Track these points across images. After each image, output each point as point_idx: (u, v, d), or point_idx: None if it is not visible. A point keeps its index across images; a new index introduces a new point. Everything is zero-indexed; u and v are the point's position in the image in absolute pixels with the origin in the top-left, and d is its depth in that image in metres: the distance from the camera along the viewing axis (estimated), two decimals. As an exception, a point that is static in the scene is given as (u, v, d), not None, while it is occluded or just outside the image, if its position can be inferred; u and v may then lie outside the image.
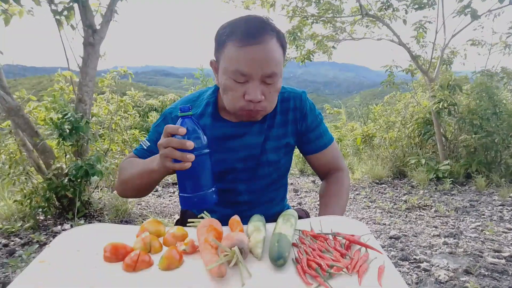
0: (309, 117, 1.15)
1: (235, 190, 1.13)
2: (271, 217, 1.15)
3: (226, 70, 0.95)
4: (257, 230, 0.83)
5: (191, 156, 0.81)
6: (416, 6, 4.47)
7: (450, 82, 4.26)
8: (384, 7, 4.72)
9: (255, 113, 0.98)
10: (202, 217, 0.92)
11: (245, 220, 0.92)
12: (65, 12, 2.91)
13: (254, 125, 1.10)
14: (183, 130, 0.81)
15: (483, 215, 3.20)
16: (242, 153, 1.10)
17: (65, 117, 2.72)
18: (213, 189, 0.87)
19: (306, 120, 1.15)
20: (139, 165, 1.02)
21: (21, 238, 2.63)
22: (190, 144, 0.81)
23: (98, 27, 3.04)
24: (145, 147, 1.13)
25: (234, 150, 1.10)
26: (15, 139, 2.99)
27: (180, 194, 0.86)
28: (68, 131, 2.73)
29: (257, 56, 0.91)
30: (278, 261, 0.71)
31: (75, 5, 2.91)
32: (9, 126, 3.05)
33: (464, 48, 5.25)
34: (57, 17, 2.88)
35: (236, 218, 0.91)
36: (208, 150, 0.85)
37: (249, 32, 0.92)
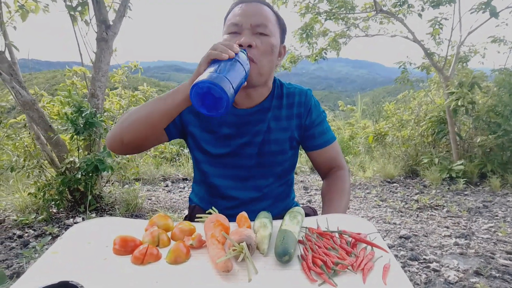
0: (314, 112, 1.18)
1: (239, 177, 1.15)
2: (278, 214, 1.16)
3: (224, 30, 1.06)
4: (263, 226, 0.83)
5: (232, 52, 0.84)
6: (434, 3, 4.38)
7: (471, 79, 4.15)
8: (398, 3, 4.64)
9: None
10: (209, 213, 0.93)
11: (251, 216, 0.93)
12: (79, 8, 2.95)
13: (261, 114, 1.12)
14: (237, 48, 0.87)
15: (496, 216, 3.14)
16: (246, 139, 1.12)
17: (81, 112, 2.76)
18: (233, 89, 0.78)
19: (311, 115, 1.17)
20: (155, 98, 0.99)
21: (34, 230, 2.70)
22: (236, 47, 0.86)
23: (111, 22, 3.07)
24: None
25: (238, 136, 1.12)
26: (29, 133, 3.06)
27: (202, 76, 0.78)
28: (82, 125, 2.78)
29: (248, 8, 1.02)
30: (283, 257, 0.72)
31: (89, 1, 2.95)
32: (24, 120, 3.11)
33: (484, 46, 5.14)
34: (72, 12, 2.93)
35: (244, 214, 0.92)
36: (246, 73, 0.88)
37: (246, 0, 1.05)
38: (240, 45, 0.97)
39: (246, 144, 1.12)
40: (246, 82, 0.93)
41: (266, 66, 1.03)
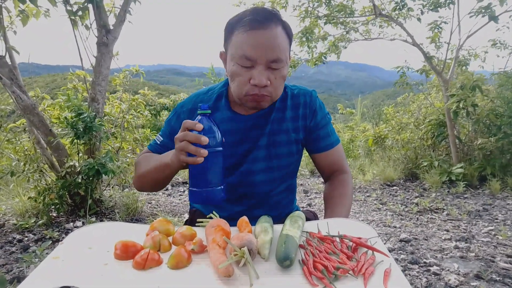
0: (319, 114, 1.17)
1: (244, 183, 1.15)
2: (279, 219, 1.16)
3: (233, 57, 0.99)
4: (264, 231, 0.83)
5: (205, 152, 0.83)
6: (432, 6, 4.39)
7: (472, 82, 4.15)
8: (398, 7, 4.66)
9: (261, 98, 1.00)
10: (210, 217, 0.94)
11: (253, 221, 0.93)
12: (80, 12, 2.95)
13: (264, 118, 1.12)
14: (200, 126, 0.84)
15: (497, 219, 3.14)
16: (253, 144, 1.12)
17: (80, 116, 2.77)
18: (222, 187, 0.89)
19: (316, 117, 1.17)
20: (154, 160, 1.04)
21: (34, 234, 2.69)
22: (205, 139, 0.83)
23: (111, 27, 3.08)
24: (159, 142, 1.16)
25: (245, 142, 1.12)
26: (29, 137, 3.06)
27: (190, 189, 0.89)
28: (82, 129, 2.78)
29: (263, 40, 0.95)
30: (284, 262, 0.72)
31: (90, 6, 2.96)
32: (24, 124, 3.11)
33: (486, 50, 5.16)
34: (72, 17, 2.94)
35: (244, 218, 0.92)
36: (221, 149, 0.88)
37: (256, 19, 0.95)
38: (254, 85, 0.98)
39: (250, 150, 1.12)
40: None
41: (279, 94, 1.05)
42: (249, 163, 1.13)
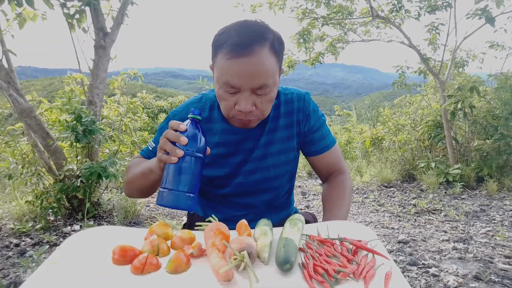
0: (312, 118, 1.16)
1: (241, 193, 1.14)
2: (278, 222, 1.16)
3: (218, 80, 0.96)
4: (264, 234, 0.83)
5: (180, 152, 0.82)
6: (430, 9, 4.41)
7: (470, 83, 4.16)
8: (395, 8, 4.68)
9: (247, 122, 1.01)
10: (209, 221, 0.93)
11: (252, 224, 0.93)
12: (77, 15, 2.95)
13: (259, 129, 1.11)
14: (183, 127, 0.84)
15: (494, 220, 3.15)
16: (247, 156, 1.11)
17: (80, 119, 2.75)
18: (192, 195, 0.85)
19: (309, 121, 1.15)
20: (141, 166, 1.04)
21: (32, 238, 2.67)
22: (184, 139, 0.83)
23: (109, 30, 3.08)
24: (151, 149, 1.16)
25: (238, 154, 1.11)
26: (27, 140, 3.04)
27: (159, 189, 0.87)
28: (81, 133, 2.77)
29: (246, 68, 0.90)
30: (284, 265, 0.72)
31: (87, 9, 2.96)
32: (21, 127, 3.10)
33: (484, 51, 5.19)
34: (69, 20, 2.93)
35: (244, 222, 0.91)
36: (202, 156, 0.86)
37: (239, 43, 0.89)
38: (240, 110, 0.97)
39: (241, 163, 1.12)
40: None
41: (266, 114, 1.03)
42: (245, 175, 1.12)
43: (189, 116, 0.87)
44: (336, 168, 1.21)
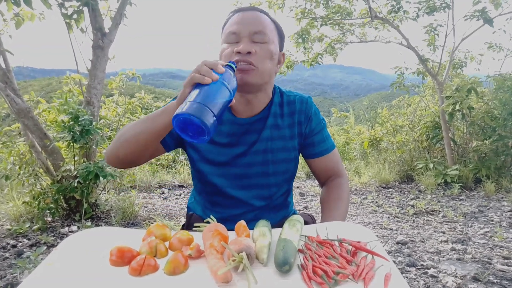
0: (314, 120, 1.18)
1: (237, 186, 1.14)
2: (277, 223, 1.15)
3: (222, 40, 1.06)
4: (262, 235, 0.82)
5: (215, 75, 0.82)
6: (428, 10, 4.42)
7: (469, 85, 4.15)
8: (394, 9, 4.69)
9: (246, 67, 0.98)
10: (208, 222, 0.93)
11: (250, 225, 0.92)
12: (75, 16, 2.94)
13: (261, 122, 1.12)
14: (221, 68, 0.85)
15: (492, 221, 3.16)
16: (248, 149, 1.12)
17: (78, 120, 2.74)
18: (215, 119, 0.78)
19: (311, 123, 1.18)
20: (147, 115, 1.00)
21: (29, 239, 2.66)
22: (221, 67, 0.84)
23: (107, 30, 3.07)
24: None
25: (238, 145, 1.12)
26: (24, 141, 3.03)
27: (185, 101, 0.79)
28: (79, 133, 2.76)
29: (246, 16, 1.03)
30: (283, 267, 0.71)
31: (85, 9, 2.95)
32: (18, 128, 3.09)
33: (482, 53, 5.20)
34: (67, 20, 2.92)
35: (242, 223, 0.91)
36: (231, 94, 0.85)
37: (244, 7, 1.08)
38: (238, 52, 0.98)
39: (241, 154, 1.12)
40: (246, 88, 1.01)
41: (266, 71, 1.03)
42: (243, 167, 1.13)
43: (225, 64, 0.89)
44: (334, 171, 1.23)
